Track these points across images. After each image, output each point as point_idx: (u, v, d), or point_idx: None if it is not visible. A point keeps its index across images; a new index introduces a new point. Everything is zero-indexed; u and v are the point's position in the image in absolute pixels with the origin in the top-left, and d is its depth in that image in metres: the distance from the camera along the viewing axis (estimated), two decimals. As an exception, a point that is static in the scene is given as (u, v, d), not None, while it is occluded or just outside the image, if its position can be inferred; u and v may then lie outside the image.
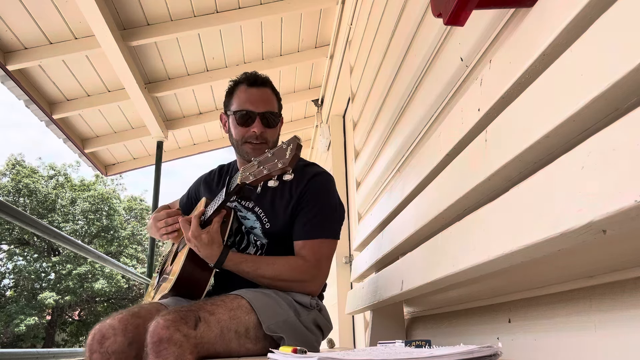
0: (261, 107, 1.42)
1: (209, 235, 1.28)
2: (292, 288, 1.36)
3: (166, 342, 1.02)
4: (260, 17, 3.15)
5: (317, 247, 1.37)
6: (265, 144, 1.43)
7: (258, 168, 1.11)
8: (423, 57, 1.52)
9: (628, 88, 0.56)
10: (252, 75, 1.48)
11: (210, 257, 1.30)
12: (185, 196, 1.74)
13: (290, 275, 1.34)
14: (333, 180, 1.49)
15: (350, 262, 3.24)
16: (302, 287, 1.37)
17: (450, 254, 0.95)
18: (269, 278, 1.33)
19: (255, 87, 1.45)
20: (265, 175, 1.10)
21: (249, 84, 1.46)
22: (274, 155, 1.09)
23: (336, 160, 3.71)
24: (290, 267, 1.34)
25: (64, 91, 3.43)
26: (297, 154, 1.05)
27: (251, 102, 1.43)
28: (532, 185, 0.70)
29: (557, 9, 0.71)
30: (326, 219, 1.41)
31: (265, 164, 1.10)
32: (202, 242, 1.28)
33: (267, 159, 1.10)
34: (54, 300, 17.82)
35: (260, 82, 1.46)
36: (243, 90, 1.46)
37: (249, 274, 1.33)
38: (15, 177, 19.43)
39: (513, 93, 0.83)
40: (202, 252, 1.29)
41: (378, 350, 0.77)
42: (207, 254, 1.29)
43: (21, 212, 2.01)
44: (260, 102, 1.43)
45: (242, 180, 1.16)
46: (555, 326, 0.87)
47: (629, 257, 0.70)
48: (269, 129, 1.44)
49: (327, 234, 1.40)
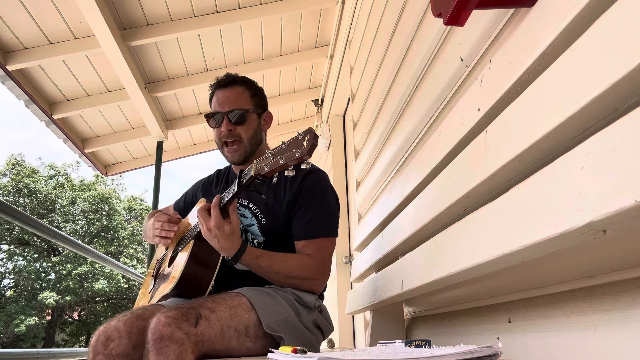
0: (226, 107, 1.46)
1: (231, 226, 1.24)
2: (300, 286, 1.37)
3: (167, 340, 1.02)
4: (260, 17, 3.15)
5: (320, 245, 1.38)
6: (240, 142, 1.46)
7: (273, 159, 1.10)
8: (423, 57, 1.52)
9: (628, 88, 0.56)
10: (222, 77, 1.51)
11: (230, 249, 1.25)
12: (182, 200, 1.74)
13: (302, 273, 1.35)
14: (327, 177, 1.51)
15: (350, 262, 3.23)
16: (310, 285, 1.38)
17: (450, 254, 0.95)
18: (282, 275, 1.33)
19: (222, 88, 1.49)
20: (282, 165, 1.08)
21: (217, 87, 1.50)
22: (290, 146, 1.08)
23: (336, 160, 3.71)
24: (301, 264, 1.35)
25: (64, 91, 3.43)
26: (314, 143, 1.04)
27: (219, 104, 1.47)
28: (532, 185, 0.70)
29: (557, 9, 0.71)
30: (325, 218, 1.42)
31: (281, 154, 1.09)
32: (224, 234, 1.23)
33: (282, 150, 1.09)
34: (54, 300, 17.81)
35: (226, 83, 1.50)
36: (215, 94, 1.50)
37: (262, 269, 1.32)
38: (15, 177, 19.43)
39: (513, 93, 0.82)
40: (222, 244, 1.24)
41: (378, 350, 0.77)
42: (227, 246, 1.24)
43: (21, 212, 2.01)
44: (226, 101, 1.47)
45: (256, 171, 1.14)
46: (555, 326, 0.87)
47: (629, 257, 0.70)
48: (239, 125, 1.46)
49: (328, 233, 1.41)
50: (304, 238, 1.39)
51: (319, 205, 1.41)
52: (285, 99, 4.35)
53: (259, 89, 1.55)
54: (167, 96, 3.78)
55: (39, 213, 19.53)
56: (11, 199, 19.28)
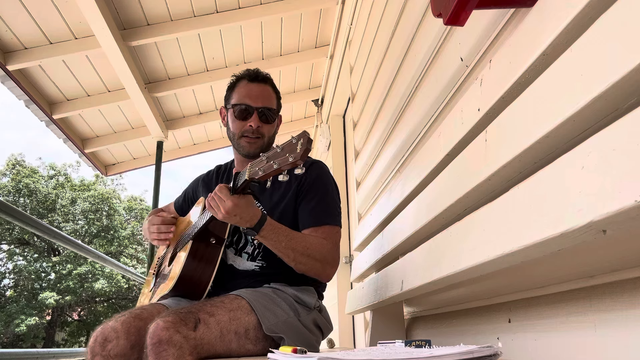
0: (259, 103, 1.45)
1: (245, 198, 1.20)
2: (313, 268, 1.33)
3: (166, 344, 1.02)
4: (260, 17, 3.15)
5: (330, 231, 1.38)
6: (261, 139, 1.46)
7: (267, 163, 1.09)
8: (423, 57, 1.52)
9: (628, 88, 0.56)
10: (254, 71, 1.51)
11: (252, 217, 1.22)
12: (182, 197, 1.74)
13: (319, 253, 1.32)
14: (328, 168, 1.52)
15: (350, 262, 3.23)
16: (323, 268, 1.35)
17: (450, 254, 0.95)
18: (299, 252, 1.29)
19: (256, 82, 1.48)
20: (275, 170, 1.07)
21: (250, 80, 1.49)
22: (284, 150, 1.07)
23: (336, 160, 3.71)
24: (319, 244, 1.33)
25: (64, 91, 3.43)
26: (308, 148, 1.03)
27: (250, 97, 1.46)
28: (532, 185, 0.70)
29: (557, 9, 0.71)
30: (330, 207, 1.43)
31: (275, 158, 1.08)
32: (241, 207, 1.19)
33: (276, 154, 1.08)
34: (54, 300, 17.82)
35: (261, 79, 1.50)
36: (244, 85, 1.49)
37: (280, 244, 1.27)
38: (15, 177, 19.42)
39: (513, 93, 0.82)
40: (243, 215, 1.20)
41: (378, 350, 0.77)
42: (248, 215, 1.21)
43: (21, 212, 2.01)
44: (259, 97, 1.46)
45: (250, 175, 1.13)
46: (555, 326, 0.87)
47: (629, 257, 0.70)
48: (266, 124, 1.46)
49: (334, 221, 1.41)
50: (311, 225, 1.38)
51: (323, 194, 1.42)
52: (285, 99, 4.32)
53: (279, 93, 1.57)
54: (167, 96, 3.78)
55: (39, 213, 19.53)
56: (11, 199, 19.28)
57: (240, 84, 1.49)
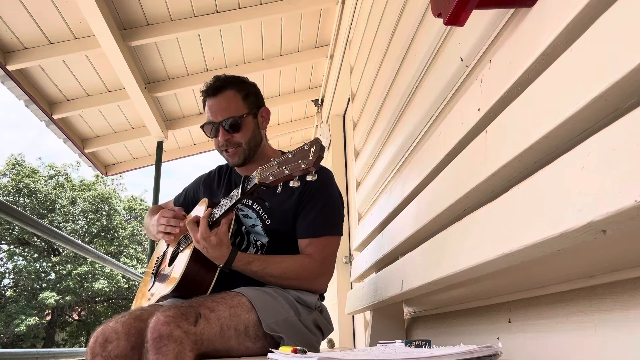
0: (219, 116, 1.43)
1: (217, 237, 1.27)
2: (299, 286, 1.37)
3: (166, 339, 1.02)
4: (260, 17, 3.15)
5: (323, 244, 1.38)
6: (240, 147, 1.45)
7: (278, 168, 1.10)
8: (423, 57, 1.52)
9: (628, 88, 0.55)
10: (210, 84, 1.47)
11: (219, 258, 1.29)
12: (182, 196, 1.73)
13: (298, 274, 1.35)
14: (332, 175, 1.51)
15: (350, 262, 3.24)
16: (309, 284, 1.38)
17: (450, 254, 0.95)
18: (277, 277, 1.33)
19: (212, 96, 1.46)
20: (286, 175, 1.09)
21: (207, 95, 1.47)
22: (295, 156, 1.08)
23: (336, 160, 3.71)
24: (297, 265, 1.35)
25: (64, 91, 3.43)
26: (321, 155, 1.04)
27: (211, 113, 1.45)
28: (532, 185, 0.70)
29: (557, 9, 0.71)
30: (330, 216, 1.42)
31: (286, 164, 1.09)
32: (211, 244, 1.27)
33: (288, 159, 1.09)
34: (54, 300, 17.81)
35: (214, 90, 1.45)
36: (207, 102, 1.47)
37: (257, 274, 1.33)
38: (15, 177, 19.42)
39: (513, 93, 0.82)
40: (211, 254, 1.29)
41: (378, 350, 0.77)
42: (216, 255, 1.29)
43: (21, 212, 2.01)
44: (218, 111, 1.44)
45: (260, 180, 1.14)
46: (555, 326, 0.87)
47: (629, 257, 0.70)
48: (236, 132, 1.44)
49: (332, 231, 1.41)
50: (307, 237, 1.39)
51: (324, 203, 1.41)
52: (285, 99, 4.35)
53: (250, 87, 1.50)
54: (167, 96, 3.78)
55: (39, 213, 19.53)
56: (11, 199, 19.27)
57: (205, 102, 1.48)
